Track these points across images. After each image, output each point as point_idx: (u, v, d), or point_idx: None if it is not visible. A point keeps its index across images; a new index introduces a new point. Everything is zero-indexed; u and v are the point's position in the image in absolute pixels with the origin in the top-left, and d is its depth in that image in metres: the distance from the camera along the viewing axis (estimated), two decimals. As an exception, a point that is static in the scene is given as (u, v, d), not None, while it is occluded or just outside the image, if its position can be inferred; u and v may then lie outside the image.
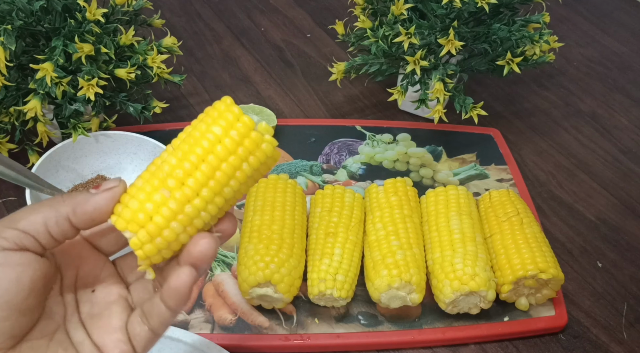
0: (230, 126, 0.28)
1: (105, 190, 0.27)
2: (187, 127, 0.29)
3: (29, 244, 0.26)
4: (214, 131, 0.27)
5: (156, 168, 0.28)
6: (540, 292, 0.54)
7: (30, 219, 0.26)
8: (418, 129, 0.72)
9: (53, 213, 0.26)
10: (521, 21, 0.64)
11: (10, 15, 0.53)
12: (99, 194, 0.27)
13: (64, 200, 0.27)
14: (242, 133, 0.28)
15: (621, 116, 0.79)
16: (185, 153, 0.27)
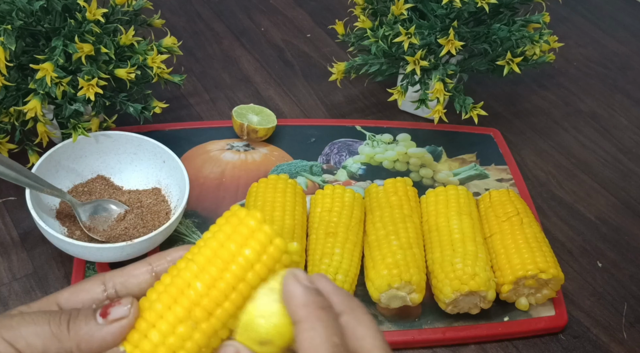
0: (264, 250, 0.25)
1: (114, 321, 0.25)
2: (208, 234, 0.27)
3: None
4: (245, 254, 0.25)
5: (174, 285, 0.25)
6: (540, 292, 0.54)
7: (30, 342, 0.25)
8: (418, 129, 0.72)
9: (55, 345, 0.25)
10: (521, 21, 0.64)
11: (10, 15, 0.53)
12: (107, 328, 0.25)
13: (69, 333, 0.25)
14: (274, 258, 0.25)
15: (621, 116, 0.79)
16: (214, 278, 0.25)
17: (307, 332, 0.23)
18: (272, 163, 0.66)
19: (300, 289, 0.24)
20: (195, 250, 0.26)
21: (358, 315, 0.25)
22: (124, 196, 0.59)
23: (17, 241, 0.57)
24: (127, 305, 0.25)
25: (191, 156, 0.65)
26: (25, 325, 0.25)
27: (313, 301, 0.24)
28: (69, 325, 0.25)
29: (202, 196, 0.61)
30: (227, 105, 0.74)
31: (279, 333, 0.24)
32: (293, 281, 0.24)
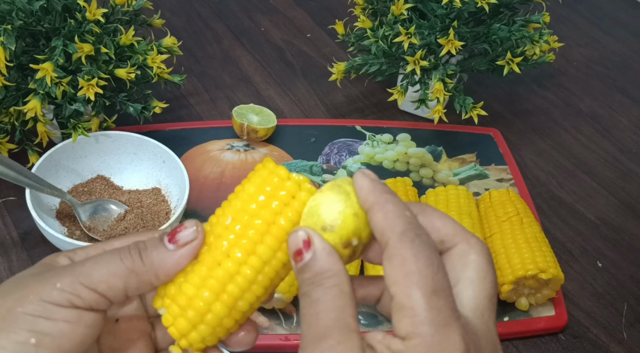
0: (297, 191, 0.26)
1: (185, 245, 0.25)
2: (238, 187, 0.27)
3: (103, 306, 0.25)
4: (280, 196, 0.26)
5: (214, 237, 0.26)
6: (540, 292, 0.54)
7: (111, 283, 0.24)
8: (418, 129, 0.72)
9: (134, 280, 0.25)
10: (521, 21, 0.64)
11: (10, 15, 0.53)
12: (179, 252, 0.25)
13: (145, 265, 0.25)
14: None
15: (621, 116, 0.79)
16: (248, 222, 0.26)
17: (379, 211, 0.24)
18: (272, 163, 0.66)
19: (368, 180, 0.25)
20: (226, 203, 0.27)
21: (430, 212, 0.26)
22: (124, 196, 0.59)
23: (17, 241, 0.57)
24: (192, 227, 0.26)
25: (191, 156, 0.65)
26: (99, 268, 0.25)
27: (381, 187, 0.24)
28: (142, 257, 0.25)
29: (202, 196, 0.61)
30: (227, 105, 0.74)
31: (341, 220, 0.24)
32: (361, 175, 0.25)
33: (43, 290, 0.24)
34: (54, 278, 0.24)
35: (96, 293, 0.24)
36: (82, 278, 0.24)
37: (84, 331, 0.24)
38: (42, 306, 0.24)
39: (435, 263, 0.23)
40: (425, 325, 0.21)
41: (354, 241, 0.25)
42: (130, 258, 0.25)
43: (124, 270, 0.25)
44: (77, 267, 0.25)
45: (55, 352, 0.24)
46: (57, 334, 0.24)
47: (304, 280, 0.24)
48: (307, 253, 0.24)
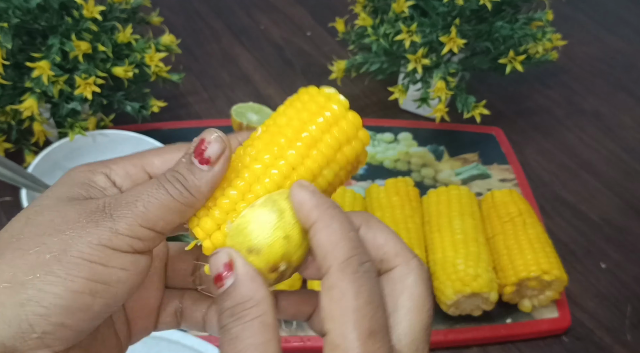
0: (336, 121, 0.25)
1: (218, 160, 0.24)
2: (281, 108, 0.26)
3: (158, 243, 0.23)
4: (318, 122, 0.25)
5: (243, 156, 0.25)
6: (544, 293, 0.53)
7: (168, 220, 0.23)
8: (419, 129, 0.71)
9: (189, 212, 0.23)
10: (524, 19, 0.64)
11: (7, 13, 0.52)
12: (215, 168, 0.24)
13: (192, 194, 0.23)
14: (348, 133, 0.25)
15: (625, 115, 0.78)
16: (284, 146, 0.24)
17: (322, 231, 0.22)
18: (271, 163, 0.65)
19: (309, 193, 0.23)
20: (264, 128, 0.25)
21: (373, 224, 0.24)
22: (122, 196, 0.58)
23: (13, 242, 0.56)
24: (213, 134, 0.24)
25: (190, 155, 0.65)
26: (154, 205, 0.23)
27: (324, 202, 0.23)
28: (186, 187, 0.23)
29: (200, 196, 0.61)
30: (226, 104, 0.73)
31: (268, 244, 0.23)
32: (300, 188, 0.23)
33: (102, 232, 0.22)
34: (110, 220, 0.22)
35: (155, 233, 0.23)
36: (141, 218, 0.22)
37: (138, 277, 0.23)
38: (101, 252, 0.22)
39: (376, 300, 0.21)
40: None
41: (281, 266, 0.23)
42: (178, 191, 0.23)
43: (176, 204, 0.23)
44: (131, 206, 0.22)
45: (109, 300, 0.22)
46: (115, 283, 0.22)
47: (223, 310, 0.22)
48: (227, 279, 0.22)
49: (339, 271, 0.21)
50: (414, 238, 0.54)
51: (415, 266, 0.24)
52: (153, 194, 0.23)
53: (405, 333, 0.23)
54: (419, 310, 0.23)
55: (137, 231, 0.22)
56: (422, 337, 0.23)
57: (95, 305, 0.22)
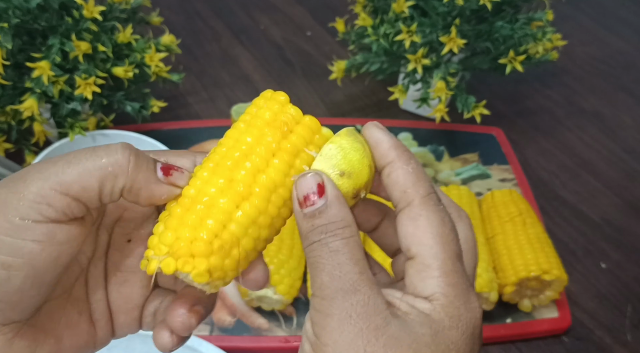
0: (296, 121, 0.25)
1: (172, 184, 0.23)
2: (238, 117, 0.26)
3: (78, 212, 0.22)
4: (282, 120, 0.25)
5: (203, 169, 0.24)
6: (543, 293, 0.53)
7: (83, 184, 0.21)
8: (419, 129, 0.71)
9: (110, 182, 0.22)
10: (524, 19, 0.63)
11: (7, 13, 0.52)
12: (164, 186, 0.23)
13: (128, 169, 0.22)
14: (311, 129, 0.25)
15: (625, 115, 0.78)
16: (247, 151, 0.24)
17: (402, 169, 0.24)
18: (271, 163, 0.65)
19: (386, 134, 0.24)
20: (228, 132, 0.26)
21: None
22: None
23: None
24: (188, 177, 0.24)
25: (190, 155, 0.65)
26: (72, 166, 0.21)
27: (400, 144, 0.24)
28: (130, 160, 0.22)
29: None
30: (226, 104, 0.73)
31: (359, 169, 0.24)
32: (377, 128, 0.24)
33: (10, 203, 0.21)
34: (22, 183, 0.21)
35: (68, 197, 0.21)
36: (52, 180, 0.21)
37: (57, 249, 0.21)
38: (8, 222, 0.21)
39: (455, 232, 0.23)
40: (452, 286, 0.22)
41: (362, 193, 0.24)
42: (115, 155, 0.22)
43: (100, 167, 0.22)
44: (48, 167, 0.21)
45: (29, 272, 0.21)
46: (28, 255, 0.21)
47: (315, 226, 0.23)
48: (320, 198, 0.23)
49: (424, 203, 0.23)
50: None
51: (464, 216, 0.26)
52: (80, 154, 0.22)
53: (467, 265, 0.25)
54: (471, 251, 0.25)
55: (47, 195, 0.21)
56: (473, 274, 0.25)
57: (14, 278, 0.21)
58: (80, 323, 0.25)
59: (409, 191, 0.23)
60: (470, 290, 0.23)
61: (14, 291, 0.21)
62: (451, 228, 0.23)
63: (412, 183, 0.23)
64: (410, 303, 0.22)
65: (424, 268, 0.22)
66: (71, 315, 0.25)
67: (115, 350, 0.43)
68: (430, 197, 0.23)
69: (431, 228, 0.23)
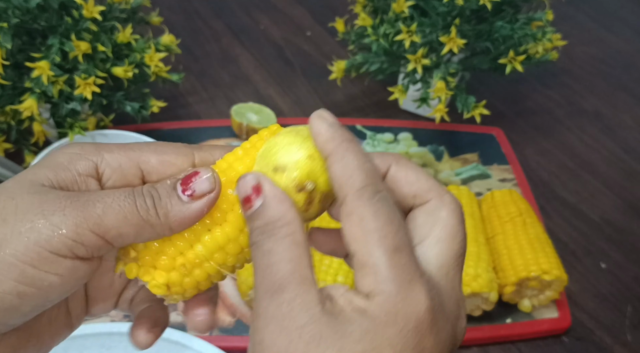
0: None
1: (201, 197, 0.23)
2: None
3: (104, 252, 0.22)
4: None
5: None
6: (544, 293, 0.53)
7: (123, 231, 0.22)
8: (419, 129, 0.71)
9: (148, 232, 0.22)
10: (524, 19, 0.63)
11: (6, 13, 0.52)
12: (195, 204, 0.23)
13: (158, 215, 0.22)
14: None
15: (625, 115, 0.78)
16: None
17: (337, 163, 0.22)
18: (271, 163, 0.65)
19: (326, 125, 0.23)
20: (226, 156, 0.25)
21: (404, 163, 0.25)
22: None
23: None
24: (207, 173, 0.23)
25: (190, 155, 0.65)
26: (113, 213, 0.22)
27: (340, 134, 0.23)
28: (156, 209, 0.22)
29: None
30: (226, 104, 0.73)
31: (293, 161, 0.23)
32: (318, 119, 0.23)
33: (44, 229, 0.21)
34: (60, 214, 0.21)
35: (103, 241, 0.22)
36: (93, 222, 0.21)
37: (75, 283, 0.22)
38: (36, 253, 0.21)
39: (396, 222, 0.22)
40: (388, 282, 0.21)
41: (308, 184, 0.23)
42: (146, 207, 0.22)
43: (139, 219, 0.22)
44: (89, 205, 0.21)
45: (40, 302, 0.22)
46: (46, 288, 0.21)
47: (254, 229, 0.22)
48: (257, 200, 0.22)
49: (356, 198, 0.22)
50: (414, 238, 0.54)
51: (448, 200, 0.24)
52: (118, 200, 0.22)
53: (436, 257, 0.23)
54: (451, 239, 0.23)
55: (83, 235, 0.21)
56: (453, 263, 0.23)
57: (24, 306, 0.21)
58: (58, 317, 0.26)
59: (344, 187, 0.22)
60: (413, 283, 0.21)
61: (17, 317, 0.22)
62: (386, 221, 0.21)
63: (348, 175, 0.22)
64: (349, 299, 0.21)
65: (361, 266, 0.21)
66: (51, 314, 0.25)
67: (115, 350, 0.43)
68: (365, 190, 0.22)
69: (363, 223, 0.21)
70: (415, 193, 0.24)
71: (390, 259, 0.21)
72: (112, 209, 0.22)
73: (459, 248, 0.23)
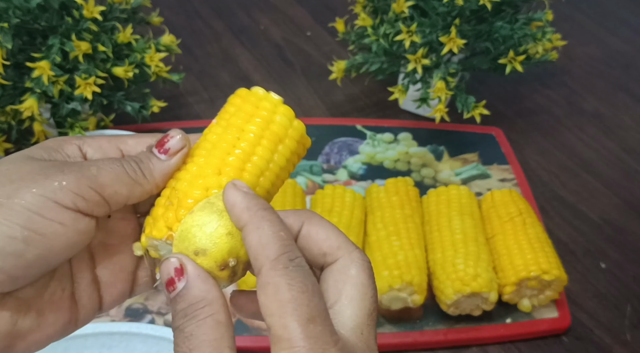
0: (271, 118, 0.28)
1: (176, 153, 0.26)
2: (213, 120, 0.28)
3: (102, 212, 0.24)
4: (251, 129, 0.27)
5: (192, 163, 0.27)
6: (543, 293, 0.53)
7: (117, 189, 0.24)
8: (419, 129, 0.71)
9: (139, 190, 0.25)
10: (524, 19, 0.64)
11: (7, 13, 0.52)
12: (172, 160, 0.26)
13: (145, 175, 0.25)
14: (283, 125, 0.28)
15: (625, 115, 0.78)
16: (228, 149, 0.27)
17: (253, 233, 0.23)
18: (271, 163, 0.65)
19: (241, 195, 0.24)
20: (206, 134, 0.28)
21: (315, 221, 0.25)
22: (122, 196, 0.58)
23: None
24: (177, 134, 0.27)
25: (190, 155, 0.65)
26: (108, 173, 0.24)
27: (255, 203, 0.23)
28: (142, 169, 0.26)
29: (200, 196, 0.61)
30: (227, 104, 0.73)
31: (213, 243, 0.23)
32: (233, 189, 0.24)
33: (48, 184, 0.23)
34: (61, 174, 0.23)
35: (100, 197, 0.24)
36: (90, 180, 0.24)
37: (76, 237, 0.24)
38: (42, 203, 0.23)
39: (309, 289, 0.22)
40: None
41: (230, 262, 0.24)
42: (133, 169, 0.25)
43: (128, 178, 0.25)
44: (85, 168, 0.24)
45: (44, 252, 0.23)
46: (50, 235, 0.23)
47: (177, 312, 0.23)
48: (179, 282, 0.23)
49: (271, 269, 0.22)
50: (414, 238, 0.54)
51: (357, 257, 0.24)
52: (108, 163, 0.25)
53: (350, 318, 0.23)
54: (362, 297, 0.24)
55: (83, 189, 0.23)
56: (366, 321, 0.24)
57: (28, 254, 0.22)
58: (63, 299, 0.26)
59: (259, 258, 0.22)
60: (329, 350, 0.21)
61: (21, 266, 0.22)
62: (300, 289, 0.22)
63: (263, 245, 0.22)
64: None
65: (277, 340, 0.21)
66: (55, 291, 0.26)
67: (115, 350, 0.43)
68: (279, 260, 0.22)
69: (277, 295, 0.21)
70: (326, 251, 0.25)
71: (305, 330, 0.21)
72: (105, 171, 0.24)
73: (370, 305, 0.24)
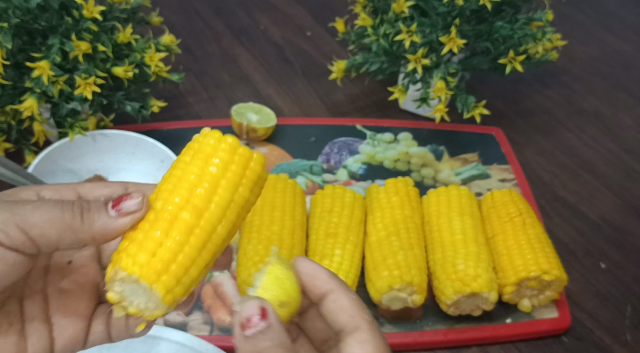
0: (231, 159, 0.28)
1: (127, 214, 0.26)
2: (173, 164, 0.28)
3: (29, 251, 0.24)
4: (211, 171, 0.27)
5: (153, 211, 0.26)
6: (543, 293, 0.53)
7: (45, 231, 0.24)
8: (419, 129, 0.71)
9: (69, 235, 0.25)
10: (524, 19, 0.64)
11: (7, 13, 0.52)
12: (120, 220, 0.25)
13: (83, 224, 0.25)
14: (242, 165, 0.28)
15: (625, 115, 0.78)
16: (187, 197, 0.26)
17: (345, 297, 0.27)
18: (271, 163, 0.65)
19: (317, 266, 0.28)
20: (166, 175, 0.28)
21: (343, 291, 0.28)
22: (122, 196, 0.58)
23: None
24: (138, 198, 0.26)
25: (190, 155, 0.65)
26: (39, 212, 0.24)
27: (334, 274, 0.28)
28: (82, 216, 0.25)
29: (200, 196, 0.61)
30: (226, 104, 0.73)
31: (295, 300, 0.27)
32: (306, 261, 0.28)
33: None
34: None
35: (26, 236, 0.24)
36: (19, 217, 0.24)
37: (4, 268, 0.24)
38: None
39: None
40: None
41: (296, 318, 0.28)
42: (72, 213, 0.25)
43: (61, 222, 0.25)
44: (18, 206, 0.24)
45: None
46: None
47: (258, 348, 0.25)
48: (262, 321, 0.25)
49: (371, 330, 0.26)
50: (414, 238, 0.54)
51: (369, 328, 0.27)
52: (46, 204, 0.25)
53: None
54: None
55: (8, 227, 0.24)
56: None
57: None
58: (9, 333, 0.26)
59: (356, 317, 0.26)
60: None
61: None
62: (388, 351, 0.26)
63: (359, 309, 0.27)
64: None
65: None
66: (0, 325, 0.26)
67: (115, 350, 0.43)
68: (375, 324, 0.27)
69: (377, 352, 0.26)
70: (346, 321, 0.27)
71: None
72: (39, 210, 0.24)
73: None
